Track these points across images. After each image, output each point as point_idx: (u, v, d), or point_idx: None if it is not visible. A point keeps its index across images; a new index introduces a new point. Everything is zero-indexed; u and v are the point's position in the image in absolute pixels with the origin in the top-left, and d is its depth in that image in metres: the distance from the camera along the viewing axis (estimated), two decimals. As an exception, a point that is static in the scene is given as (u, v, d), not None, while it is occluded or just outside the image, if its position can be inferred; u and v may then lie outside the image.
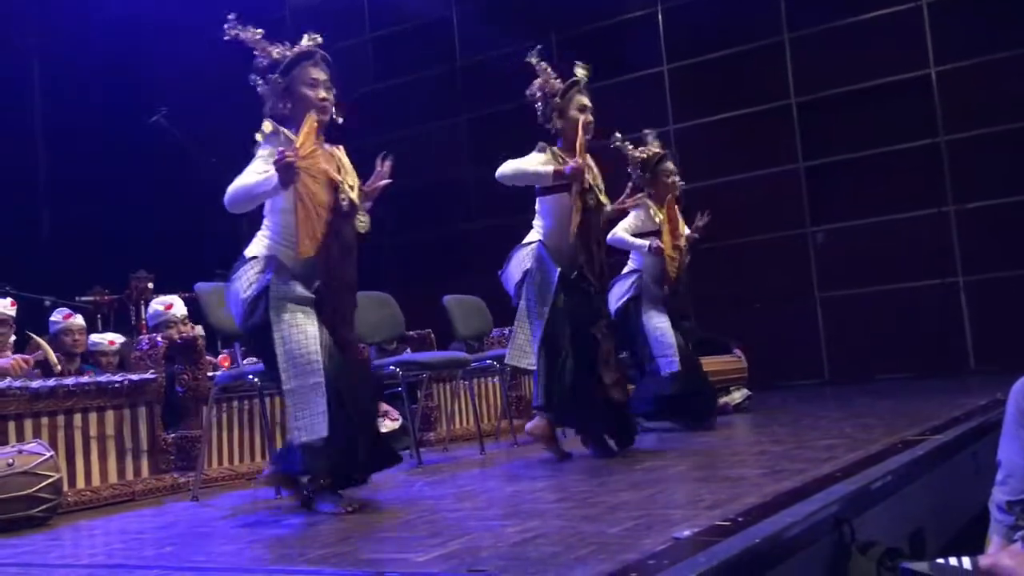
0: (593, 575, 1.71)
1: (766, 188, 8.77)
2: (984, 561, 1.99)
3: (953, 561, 2.01)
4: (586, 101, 4.07)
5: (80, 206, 8.47)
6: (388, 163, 3.17)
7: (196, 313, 4.79)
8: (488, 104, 9.79)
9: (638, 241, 5.00)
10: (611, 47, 9.34)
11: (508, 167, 3.94)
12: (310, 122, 3.01)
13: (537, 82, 4.08)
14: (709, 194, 9.02)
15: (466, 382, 5.60)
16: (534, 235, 4.10)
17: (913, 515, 2.68)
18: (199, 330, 4.71)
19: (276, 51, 3.14)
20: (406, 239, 10.17)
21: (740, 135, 8.85)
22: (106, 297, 6.51)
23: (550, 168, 3.90)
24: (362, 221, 3.14)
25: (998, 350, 7.53)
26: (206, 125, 7.36)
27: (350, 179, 3.14)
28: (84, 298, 6.34)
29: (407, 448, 4.56)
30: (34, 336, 4.86)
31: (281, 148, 2.88)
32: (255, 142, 3.08)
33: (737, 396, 5.93)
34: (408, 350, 5.58)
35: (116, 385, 3.95)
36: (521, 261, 4.04)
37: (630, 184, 4.85)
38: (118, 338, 5.69)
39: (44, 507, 3.27)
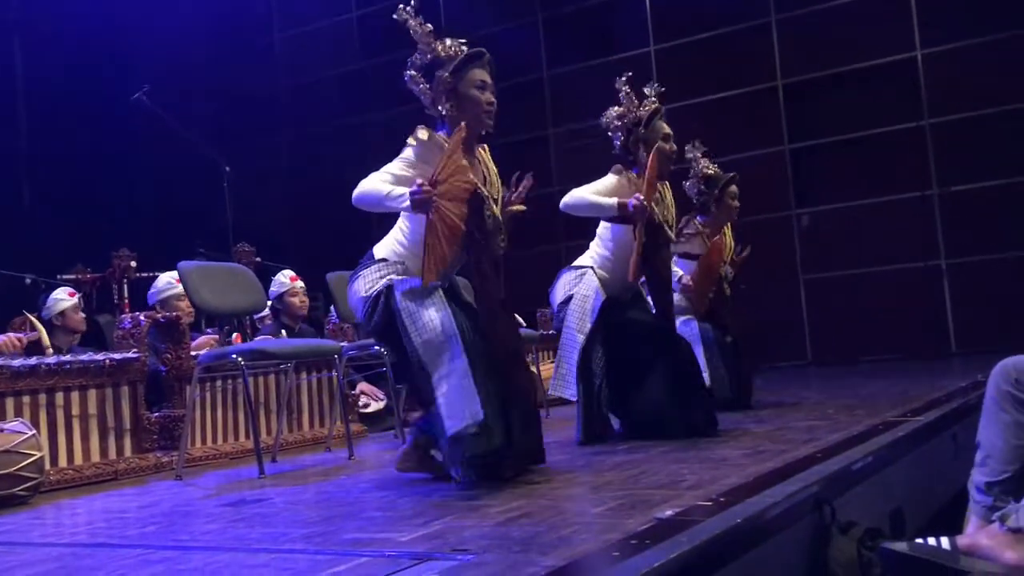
0: (576, 554, 1.72)
1: (752, 170, 8.75)
2: (963, 541, 2.02)
3: (932, 541, 2.03)
4: (668, 130, 3.91)
5: (61, 183, 8.41)
6: (527, 182, 3.01)
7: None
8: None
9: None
10: (598, 27, 9.31)
11: (572, 197, 3.74)
12: (457, 139, 2.83)
13: (617, 110, 3.90)
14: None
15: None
16: (586, 259, 3.94)
17: (893, 496, 2.71)
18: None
19: (443, 48, 2.99)
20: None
21: (726, 117, 8.85)
22: (88, 275, 6.46)
23: (613, 201, 3.68)
24: (502, 241, 3.01)
25: (979, 332, 7.60)
26: (188, 103, 7.30)
27: (494, 190, 3.02)
28: (65, 276, 6.29)
29: (392, 428, 4.57)
30: (30, 316, 4.82)
31: (419, 181, 2.74)
32: (406, 144, 2.95)
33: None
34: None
35: (99, 364, 3.93)
36: (567, 285, 3.89)
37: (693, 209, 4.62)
38: None
39: (26, 486, 3.26)
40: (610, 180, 3.82)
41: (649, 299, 4.02)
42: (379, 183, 2.87)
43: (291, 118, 10.66)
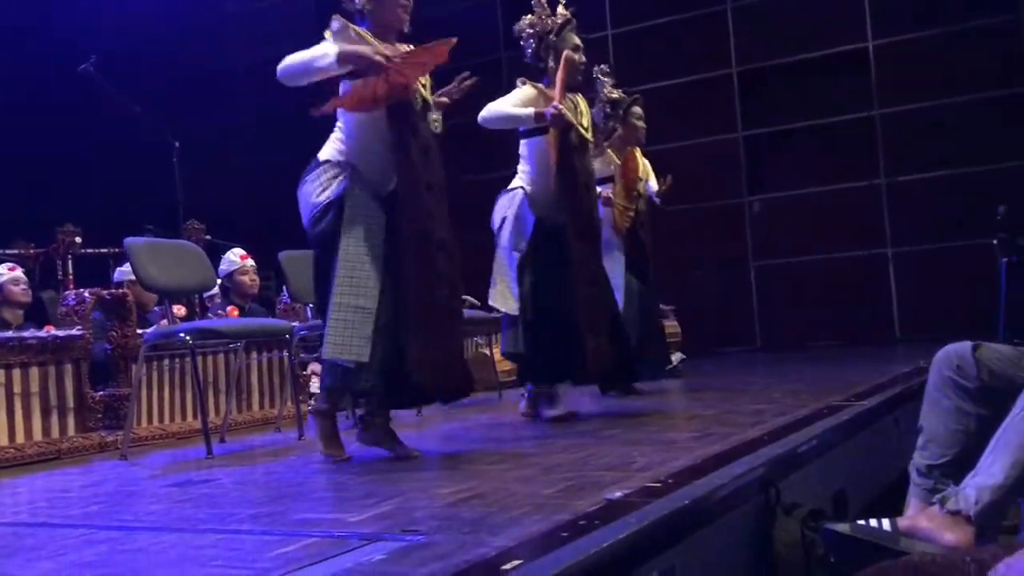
0: (526, 535, 1.72)
1: (705, 157, 8.85)
2: (903, 523, 2.06)
3: (873, 522, 2.07)
4: (579, 41, 3.94)
5: (4, 156, 8.18)
6: (469, 82, 3.20)
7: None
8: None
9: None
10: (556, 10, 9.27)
11: (488, 110, 3.76)
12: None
13: (529, 18, 3.94)
14: (649, 160, 9.09)
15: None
16: (517, 181, 3.96)
17: (837, 478, 2.76)
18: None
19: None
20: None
21: (681, 103, 8.89)
22: (32, 250, 6.32)
23: (530, 110, 3.72)
24: (435, 120, 3.14)
25: (922, 320, 7.77)
26: (138, 76, 7.14)
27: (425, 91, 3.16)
28: (8, 251, 6.14)
29: (343, 409, 4.53)
30: None
31: (373, 51, 2.92)
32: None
33: (671, 360, 6.02)
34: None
35: (42, 341, 3.84)
36: (502, 208, 3.93)
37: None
38: None
39: (-35, 465, 3.19)
40: (523, 92, 3.85)
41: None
42: (302, 53, 2.94)
43: (244, 95, 10.49)
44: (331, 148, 3.08)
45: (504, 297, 3.82)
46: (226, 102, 10.31)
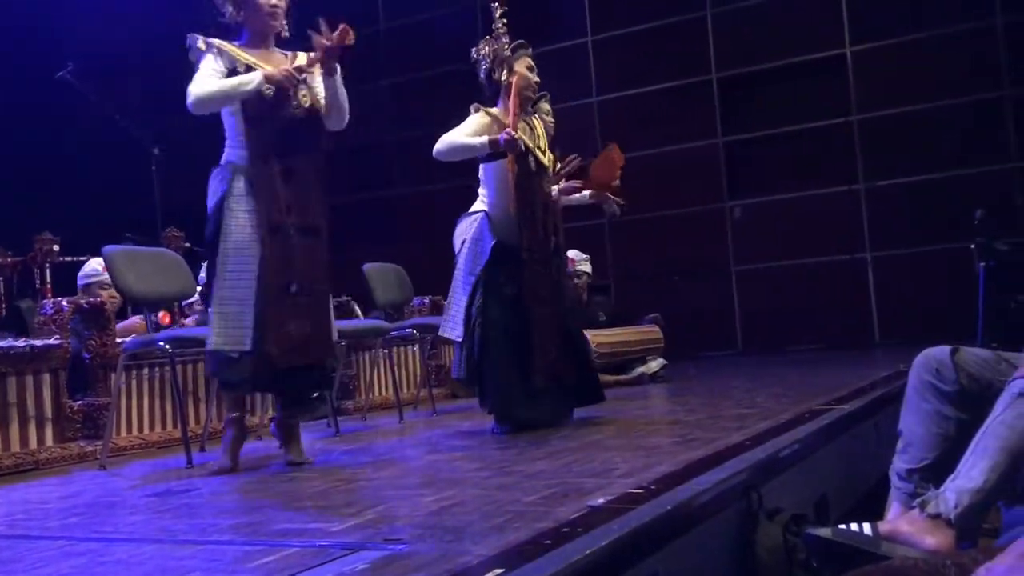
0: (508, 543, 1.72)
1: (686, 162, 8.89)
2: (884, 527, 2.07)
3: (855, 527, 2.08)
4: (531, 63, 3.93)
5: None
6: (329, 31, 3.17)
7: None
8: (410, 69, 9.67)
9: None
10: (536, 17, 9.28)
11: (442, 143, 3.76)
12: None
13: (488, 47, 3.91)
14: (630, 166, 9.08)
15: (385, 351, 5.57)
16: (479, 204, 3.96)
17: (818, 482, 2.77)
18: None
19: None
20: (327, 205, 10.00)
21: (662, 109, 8.94)
22: (9, 259, 6.25)
23: (484, 139, 3.71)
24: (304, 96, 3.18)
25: (901, 324, 7.83)
26: (116, 82, 7.09)
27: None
28: (-15, 259, 6.07)
29: (325, 417, 4.52)
30: None
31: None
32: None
33: (654, 366, 6.04)
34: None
35: (19, 350, 3.80)
36: (462, 232, 3.92)
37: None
38: None
39: (-60, 477, 3.15)
40: (475, 120, 3.84)
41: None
42: (209, 82, 3.10)
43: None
44: (225, 154, 3.26)
45: (452, 325, 3.85)
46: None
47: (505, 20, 3.96)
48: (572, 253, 5.87)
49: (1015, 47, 7.77)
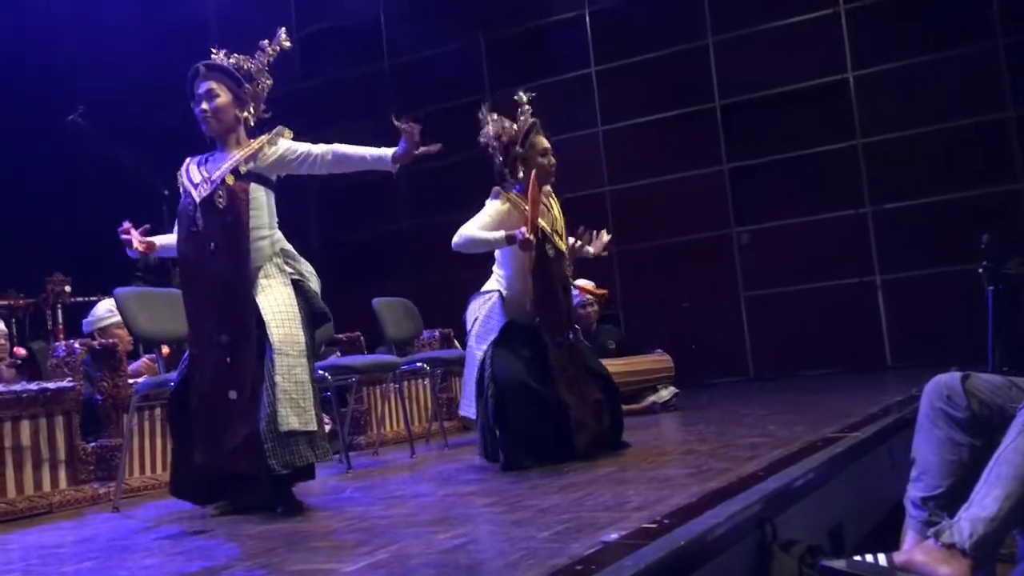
0: (522, 582, 1.72)
1: (692, 189, 8.93)
2: (899, 557, 2.06)
3: (870, 558, 2.07)
4: (547, 143, 3.89)
5: (-8, 206, 8.17)
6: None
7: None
8: (417, 104, 9.75)
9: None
10: (539, 49, 9.39)
11: (460, 237, 3.72)
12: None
13: (490, 129, 3.87)
14: (636, 195, 9.17)
15: (396, 385, 5.57)
16: (492, 283, 3.96)
17: (832, 512, 2.76)
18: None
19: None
20: (334, 240, 10.07)
21: (666, 137, 8.99)
22: (21, 301, 6.29)
23: (501, 234, 3.68)
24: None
25: (913, 346, 7.81)
26: (124, 124, 7.17)
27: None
28: (-2, 302, 6.12)
29: (337, 453, 4.51)
30: None
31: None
32: None
33: (665, 394, 6.03)
34: (338, 353, 5.53)
35: (32, 394, 3.82)
36: (474, 309, 3.93)
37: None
38: None
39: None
40: (494, 208, 3.81)
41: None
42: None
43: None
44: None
45: (467, 403, 3.87)
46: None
47: (491, 112, 3.92)
48: (581, 282, 5.88)
49: (1017, 68, 7.81)
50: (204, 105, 3.16)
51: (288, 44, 3.23)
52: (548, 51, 9.38)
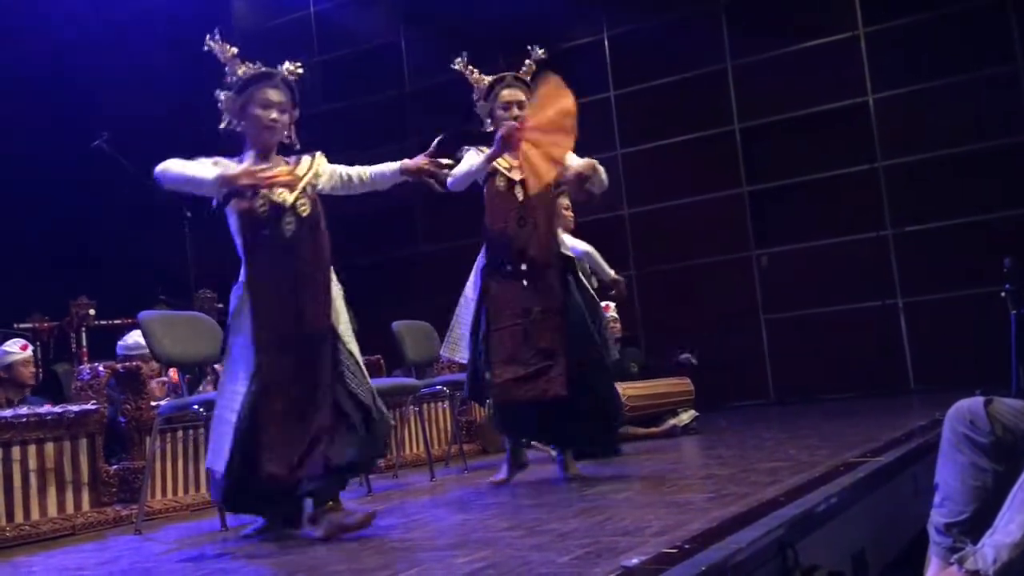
0: (542, 606, 1.71)
1: (711, 212, 8.92)
2: (923, 584, 2.04)
3: (893, 584, 2.05)
4: (510, 96, 3.97)
5: (17, 230, 8.28)
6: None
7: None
8: (435, 128, 9.82)
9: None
10: (558, 73, 9.41)
11: (451, 176, 3.78)
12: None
13: (476, 95, 4.02)
14: (656, 218, 9.17)
15: (416, 408, 5.58)
16: None
17: (855, 537, 2.73)
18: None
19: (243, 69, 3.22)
20: (354, 264, 10.11)
21: (685, 160, 9.00)
22: (46, 324, 6.37)
23: (480, 157, 3.80)
24: (303, 206, 3.21)
25: (936, 369, 7.73)
26: (149, 149, 7.27)
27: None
28: (23, 325, 6.20)
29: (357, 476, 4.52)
30: None
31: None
32: None
33: (685, 418, 6.00)
34: (357, 376, 5.54)
35: (57, 416, 3.86)
36: (477, 263, 4.03)
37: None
38: None
39: (-20, 544, 3.18)
40: (469, 157, 3.87)
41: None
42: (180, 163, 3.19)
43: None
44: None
45: (454, 345, 4.00)
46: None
47: (466, 66, 4.07)
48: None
49: (1038, 91, 7.78)
50: (276, 115, 3.17)
51: (301, 72, 3.25)
52: (567, 75, 9.39)
